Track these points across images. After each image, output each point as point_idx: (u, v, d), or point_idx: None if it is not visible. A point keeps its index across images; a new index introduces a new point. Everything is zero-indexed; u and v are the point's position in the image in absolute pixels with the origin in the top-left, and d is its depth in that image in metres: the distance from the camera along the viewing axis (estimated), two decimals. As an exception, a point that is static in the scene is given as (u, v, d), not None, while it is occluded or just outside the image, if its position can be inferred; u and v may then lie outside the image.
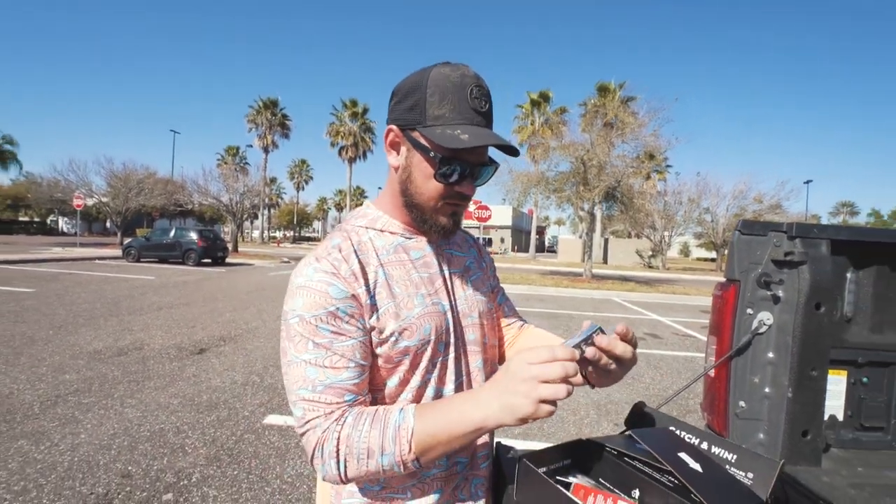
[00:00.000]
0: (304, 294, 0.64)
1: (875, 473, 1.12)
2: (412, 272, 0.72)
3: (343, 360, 0.63)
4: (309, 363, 0.62)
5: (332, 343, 0.63)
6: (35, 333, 5.35)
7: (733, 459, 0.88)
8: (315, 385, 0.62)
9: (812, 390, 1.15)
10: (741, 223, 1.24)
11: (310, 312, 0.63)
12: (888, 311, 1.28)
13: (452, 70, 0.67)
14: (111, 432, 2.94)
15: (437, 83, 0.65)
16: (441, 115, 0.65)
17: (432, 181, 0.68)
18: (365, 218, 0.76)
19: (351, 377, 0.63)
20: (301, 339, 0.63)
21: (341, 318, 0.63)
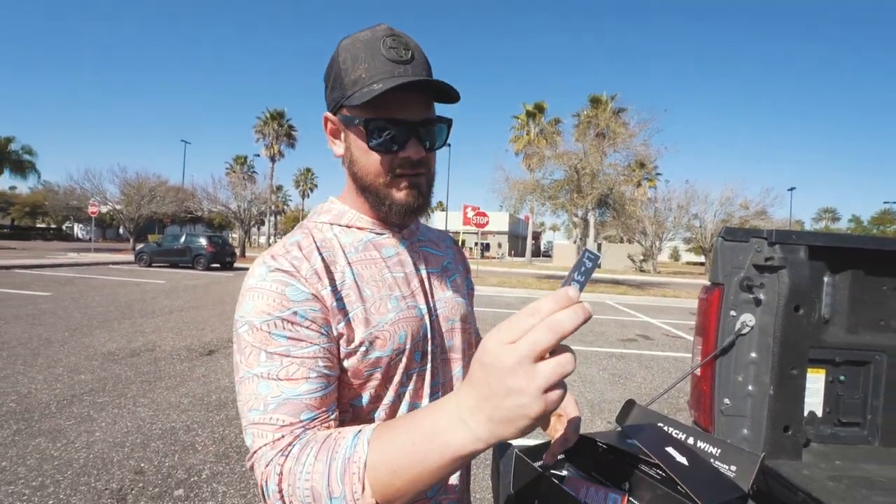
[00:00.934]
0: (256, 297, 0.54)
1: (852, 466, 1.17)
2: (385, 272, 0.64)
3: (302, 370, 0.52)
4: (261, 377, 0.52)
5: (290, 350, 0.52)
6: (51, 335, 5.51)
7: (717, 453, 0.94)
8: (266, 403, 0.50)
9: (792, 388, 1.21)
10: (724, 230, 1.31)
11: (261, 318, 0.53)
12: (863, 312, 1.34)
13: (360, 32, 0.61)
14: (125, 430, 3.04)
15: (346, 49, 0.60)
16: (357, 79, 0.58)
17: (371, 154, 0.60)
18: (329, 213, 0.68)
19: (311, 390, 0.52)
20: (252, 351, 0.53)
21: (300, 322, 0.53)
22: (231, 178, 27.05)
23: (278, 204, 54.30)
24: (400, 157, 0.60)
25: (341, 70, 0.59)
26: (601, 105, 24.76)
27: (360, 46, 0.59)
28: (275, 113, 39.52)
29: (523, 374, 0.34)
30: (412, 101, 0.59)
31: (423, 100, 0.61)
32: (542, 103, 33.84)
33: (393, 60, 0.58)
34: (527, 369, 0.34)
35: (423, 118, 0.61)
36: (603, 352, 6.21)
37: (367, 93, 0.56)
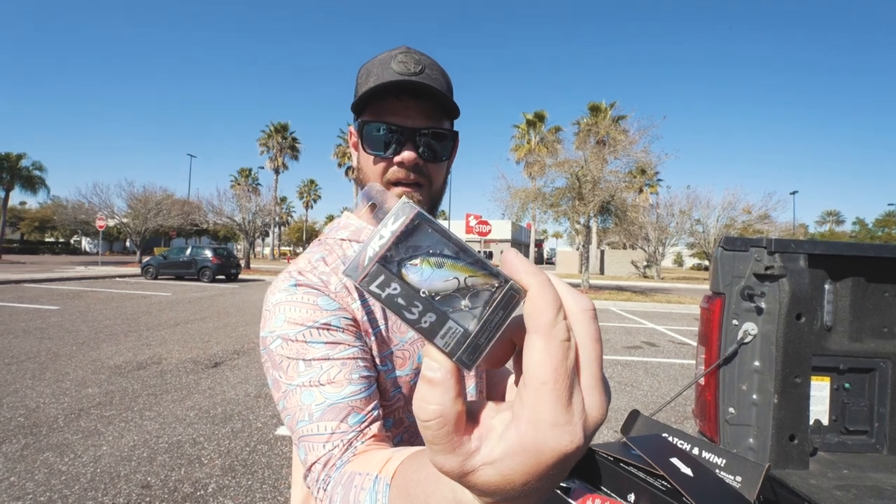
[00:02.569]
0: (287, 310, 0.53)
1: (860, 475, 1.16)
2: None
3: (344, 371, 0.51)
4: (303, 386, 0.50)
5: (329, 354, 0.52)
6: (59, 349, 5.55)
7: (722, 464, 0.95)
8: (312, 412, 0.49)
9: (797, 396, 1.21)
10: (724, 240, 1.32)
11: (295, 329, 0.52)
12: (866, 319, 1.34)
13: (384, 53, 0.63)
14: (131, 444, 3.05)
15: (366, 67, 0.63)
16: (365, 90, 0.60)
17: (369, 160, 0.62)
18: (347, 230, 0.67)
19: (355, 392, 0.51)
20: (290, 363, 0.52)
21: (335, 329, 0.53)
22: (236, 191, 27.35)
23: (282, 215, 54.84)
24: (394, 162, 0.61)
25: (357, 85, 0.63)
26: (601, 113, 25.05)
27: (376, 63, 0.61)
28: (279, 126, 40.19)
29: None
30: (412, 108, 0.60)
31: (427, 109, 0.61)
32: (542, 112, 34.19)
33: (400, 73, 0.59)
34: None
35: (423, 126, 0.61)
36: (608, 359, 6.16)
37: (361, 94, 0.58)
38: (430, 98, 0.61)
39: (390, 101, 0.60)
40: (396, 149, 0.60)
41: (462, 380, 0.22)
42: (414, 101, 0.60)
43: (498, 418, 0.22)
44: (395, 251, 0.22)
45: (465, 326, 0.22)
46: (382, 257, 0.22)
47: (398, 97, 0.60)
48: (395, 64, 0.60)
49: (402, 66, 0.60)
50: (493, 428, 0.22)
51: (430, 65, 0.63)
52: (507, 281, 0.22)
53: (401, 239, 0.22)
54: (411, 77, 0.60)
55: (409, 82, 0.58)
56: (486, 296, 0.22)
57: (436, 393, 0.21)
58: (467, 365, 0.21)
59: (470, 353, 0.21)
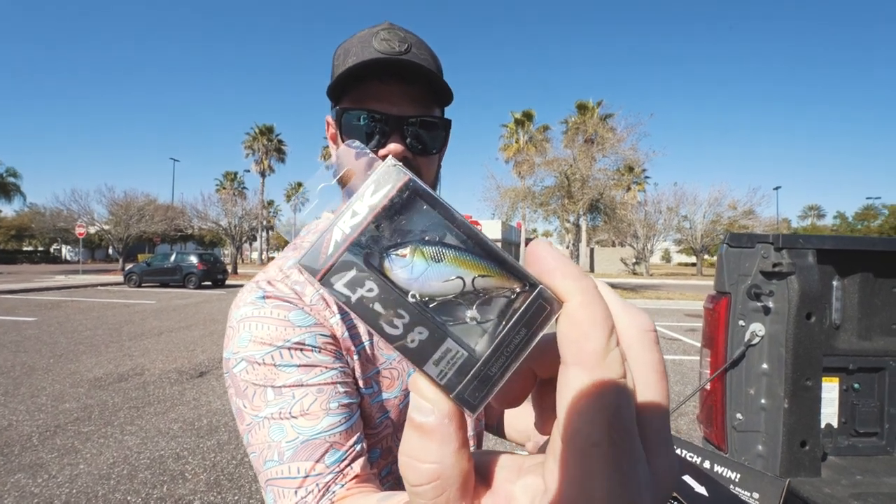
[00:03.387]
0: (253, 326, 0.45)
1: (874, 481, 1.11)
2: None
3: (320, 400, 0.44)
4: (272, 419, 0.43)
5: (303, 380, 0.44)
6: (36, 363, 5.33)
7: (737, 479, 0.88)
8: (282, 451, 0.42)
9: (808, 400, 1.16)
10: (729, 236, 1.26)
11: (262, 351, 0.44)
12: (875, 317, 1.29)
13: (363, 30, 0.56)
14: (110, 461, 2.91)
15: (343, 47, 0.55)
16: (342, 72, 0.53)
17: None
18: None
19: (333, 424, 0.44)
20: (256, 391, 0.44)
21: (310, 349, 0.45)
22: (221, 195, 26.94)
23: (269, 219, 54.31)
24: (379, 155, 0.53)
25: (333, 67, 0.54)
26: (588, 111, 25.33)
27: (355, 41, 0.53)
28: (264, 128, 39.68)
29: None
30: (398, 93, 0.52)
31: (415, 94, 0.53)
32: (531, 111, 34.36)
33: (383, 52, 0.51)
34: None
35: (411, 115, 0.53)
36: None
37: (337, 75, 0.51)
38: (419, 80, 0.52)
39: (373, 85, 0.51)
40: (381, 140, 0.52)
41: (465, 425, 0.16)
42: (400, 84, 0.53)
43: (521, 485, 0.15)
44: (374, 235, 0.16)
45: (470, 348, 0.15)
46: (355, 242, 0.15)
47: (382, 79, 0.52)
48: (376, 42, 0.52)
49: (385, 45, 0.52)
50: (515, 500, 0.15)
51: (416, 43, 0.54)
52: (534, 285, 0.15)
53: (384, 217, 0.16)
54: (397, 56, 0.51)
55: (394, 60, 0.50)
56: (502, 305, 0.16)
57: (429, 446, 0.15)
58: (472, 405, 0.15)
59: (476, 387, 0.15)
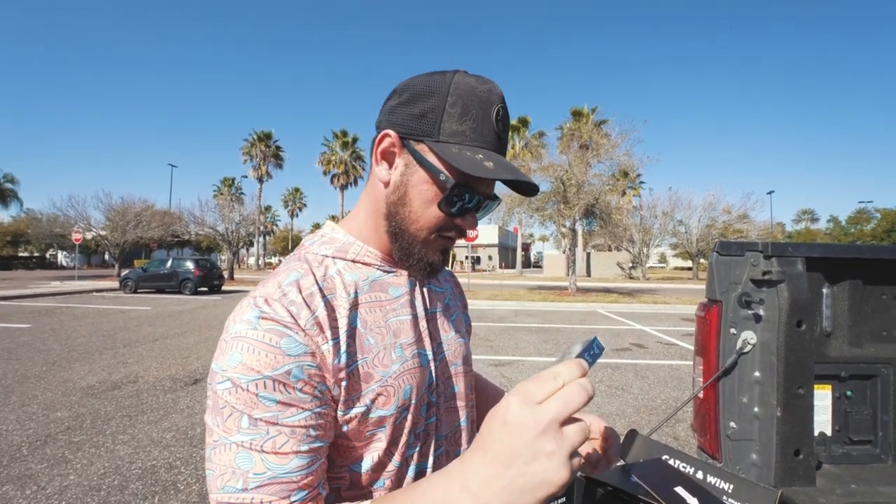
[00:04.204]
0: (244, 349, 0.46)
1: (868, 490, 1.10)
2: (390, 316, 0.57)
3: (292, 442, 0.45)
4: (241, 446, 0.44)
5: (278, 418, 0.45)
6: (28, 370, 5.27)
7: (730, 490, 0.87)
8: (248, 481, 0.43)
9: (800, 408, 1.15)
10: (718, 244, 1.26)
11: (248, 377, 0.45)
12: (865, 324, 1.29)
13: (479, 82, 0.54)
14: (101, 472, 2.87)
15: (461, 93, 0.53)
16: (461, 132, 0.52)
17: (433, 208, 0.54)
18: (332, 245, 0.59)
19: (301, 466, 0.45)
20: (232, 413, 0.45)
21: (293, 384, 0.46)
22: (219, 201, 26.83)
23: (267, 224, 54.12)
24: (456, 222, 0.56)
25: (445, 109, 0.53)
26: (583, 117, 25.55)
27: (475, 102, 0.53)
28: (262, 134, 39.79)
29: (553, 437, 0.33)
30: (493, 181, 0.57)
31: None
32: (526, 117, 34.59)
33: (497, 134, 0.54)
34: (557, 431, 0.33)
35: (493, 196, 0.59)
36: (598, 363, 6.13)
37: (474, 163, 0.51)
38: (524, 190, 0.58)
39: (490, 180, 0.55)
40: (464, 210, 0.56)
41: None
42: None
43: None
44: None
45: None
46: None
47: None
48: (494, 120, 0.54)
49: (499, 126, 0.55)
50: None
51: (509, 122, 0.59)
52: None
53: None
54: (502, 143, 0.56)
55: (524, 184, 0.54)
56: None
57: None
58: None
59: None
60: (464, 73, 0.56)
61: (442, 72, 0.56)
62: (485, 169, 0.50)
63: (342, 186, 40.38)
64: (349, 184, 40.56)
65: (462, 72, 0.56)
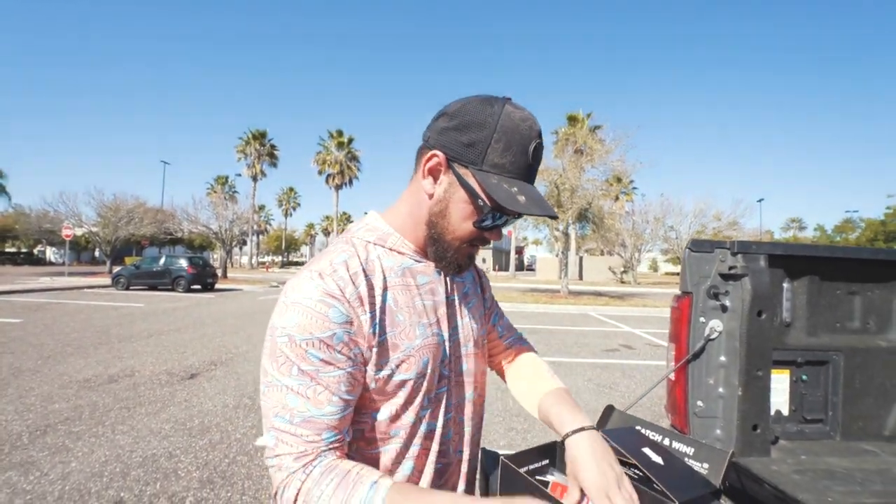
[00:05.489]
0: (300, 313, 0.57)
1: (816, 460, 1.24)
2: (416, 299, 0.68)
3: (327, 394, 0.57)
4: (290, 390, 0.57)
5: (319, 373, 0.57)
6: (22, 364, 5.29)
7: (691, 452, 1.00)
8: (293, 416, 0.56)
9: (759, 389, 1.29)
10: (691, 242, 1.40)
11: (301, 335, 0.57)
12: (821, 315, 1.44)
13: (522, 119, 0.62)
14: (102, 459, 2.94)
15: (506, 129, 0.60)
16: (500, 165, 0.61)
17: (468, 223, 0.64)
18: (374, 233, 0.69)
19: (333, 412, 0.57)
20: (286, 362, 0.57)
21: (334, 346, 0.58)
22: (212, 199, 26.72)
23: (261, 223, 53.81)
24: (485, 236, 0.66)
25: (490, 143, 0.60)
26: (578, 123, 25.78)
27: (517, 139, 0.61)
28: (256, 133, 39.59)
29: None
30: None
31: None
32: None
33: (529, 166, 0.63)
34: None
35: (517, 215, 0.66)
36: (587, 363, 6.28)
37: (510, 196, 0.59)
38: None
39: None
40: (493, 227, 0.66)
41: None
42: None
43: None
44: None
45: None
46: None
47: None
48: (530, 154, 0.62)
49: (532, 159, 0.63)
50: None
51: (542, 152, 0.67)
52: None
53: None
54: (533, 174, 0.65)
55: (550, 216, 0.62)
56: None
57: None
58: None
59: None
60: (511, 105, 0.63)
61: (491, 100, 0.62)
62: (518, 203, 0.59)
63: (337, 186, 40.22)
64: (344, 184, 40.38)
65: (510, 103, 0.63)
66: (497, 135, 0.60)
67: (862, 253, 1.46)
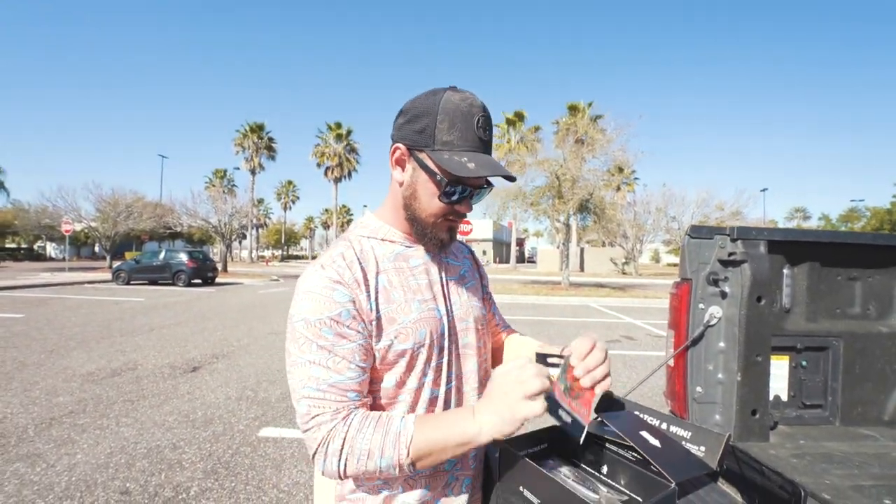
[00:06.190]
0: (310, 299, 0.67)
1: (814, 445, 1.25)
2: (410, 279, 0.76)
3: (344, 363, 0.66)
4: (313, 363, 0.66)
5: (335, 346, 0.66)
6: (26, 358, 5.32)
7: (688, 436, 1.01)
8: (319, 384, 0.65)
9: (758, 374, 1.29)
10: (690, 228, 1.40)
11: (314, 316, 0.66)
12: (820, 301, 1.44)
13: (461, 99, 0.70)
14: (108, 451, 2.97)
15: (447, 110, 0.69)
16: (449, 142, 0.69)
17: (435, 200, 0.72)
18: (367, 228, 0.80)
19: (353, 377, 0.67)
20: (305, 342, 0.66)
21: (343, 322, 0.67)
22: (211, 193, 26.68)
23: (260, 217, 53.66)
24: (455, 208, 0.74)
25: (436, 125, 0.69)
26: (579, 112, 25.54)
27: (458, 116, 0.69)
28: (254, 126, 39.29)
29: (517, 386, 0.61)
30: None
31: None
32: (522, 111, 34.54)
33: (479, 138, 0.71)
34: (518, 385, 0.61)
35: (481, 185, 0.75)
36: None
37: (460, 165, 0.67)
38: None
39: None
40: (460, 199, 0.73)
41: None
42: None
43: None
44: None
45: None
46: None
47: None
48: (476, 128, 0.70)
49: (481, 132, 0.71)
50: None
51: (491, 124, 0.74)
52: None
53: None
54: (486, 144, 0.72)
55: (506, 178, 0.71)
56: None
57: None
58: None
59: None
60: (452, 91, 0.71)
61: (435, 91, 0.72)
62: (467, 169, 0.67)
63: (336, 179, 40.00)
64: (343, 176, 40.13)
65: (451, 90, 0.71)
66: (440, 116, 0.69)
67: (862, 238, 1.46)
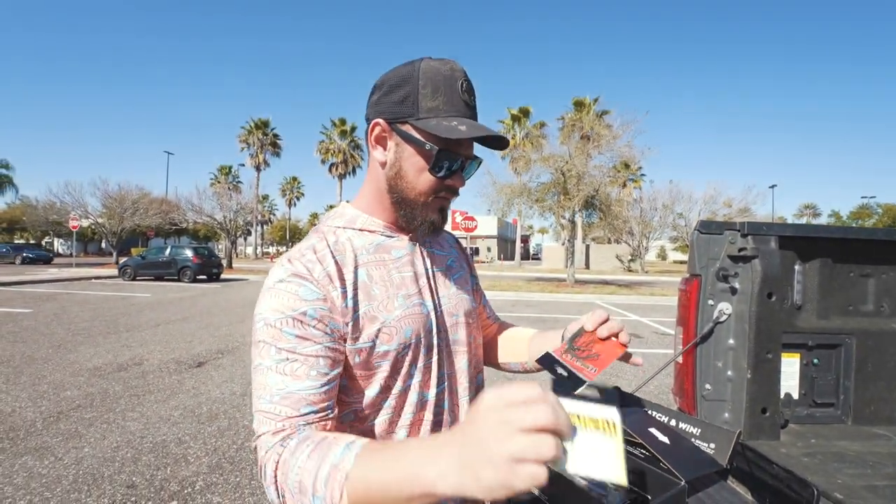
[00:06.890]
0: (273, 296, 0.60)
1: (826, 444, 1.23)
2: (392, 272, 0.68)
3: (305, 368, 0.57)
4: (269, 369, 0.57)
5: (296, 348, 0.58)
6: (34, 352, 5.38)
7: (698, 433, 0.99)
8: (273, 394, 0.56)
9: (768, 371, 1.27)
10: (700, 223, 1.37)
11: (275, 315, 0.58)
12: (832, 298, 1.41)
13: (441, 64, 0.65)
14: (114, 445, 2.99)
15: (428, 76, 0.63)
16: (435, 107, 0.63)
17: (425, 174, 0.65)
18: (342, 217, 0.72)
19: (311, 387, 0.57)
20: (264, 345, 0.59)
21: (307, 322, 0.59)
22: (216, 189, 26.80)
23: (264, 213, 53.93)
24: (446, 184, 0.67)
25: (418, 92, 0.63)
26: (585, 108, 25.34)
27: (441, 80, 0.64)
28: (259, 122, 39.45)
29: (502, 435, 0.35)
30: (471, 143, 0.67)
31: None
32: (527, 107, 34.40)
33: (465, 103, 0.65)
34: (507, 432, 0.35)
35: (473, 156, 0.68)
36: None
37: (450, 129, 0.61)
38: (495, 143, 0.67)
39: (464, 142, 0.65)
40: (451, 172, 0.67)
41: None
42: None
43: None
44: None
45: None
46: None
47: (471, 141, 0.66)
48: (461, 91, 0.64)
49: (466, 97, 0.65)
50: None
51: (474, 91, 0.69)
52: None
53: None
54: (473, 110, 0.67)
55: (496, 139, 0.64)
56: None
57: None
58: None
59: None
60: (428, 58, 0.66)
61: (409, 62, 0.66)
62: (459, 132, 0.61)
63: (340, 175, 40.12)
64: (348, 173, 40.26)
65: (427, 58, 0.66)
66: (422, 82, 0.63)
67: (876, 234, 1.43)
